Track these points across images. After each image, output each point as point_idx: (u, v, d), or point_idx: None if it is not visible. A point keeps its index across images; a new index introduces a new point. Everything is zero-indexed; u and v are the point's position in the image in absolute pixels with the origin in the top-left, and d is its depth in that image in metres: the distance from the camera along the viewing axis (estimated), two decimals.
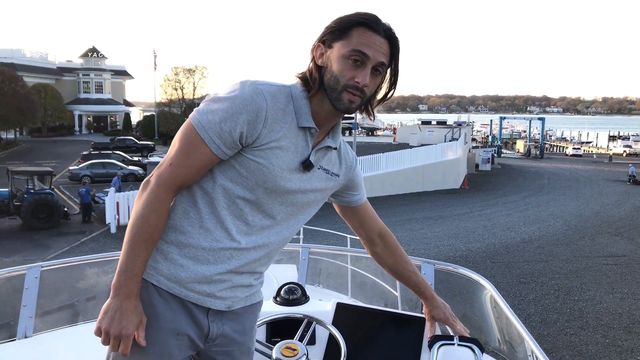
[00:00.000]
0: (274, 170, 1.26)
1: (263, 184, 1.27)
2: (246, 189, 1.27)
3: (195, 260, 1.27)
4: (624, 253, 11.33)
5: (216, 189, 1.26)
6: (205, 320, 1.33)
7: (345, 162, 1.47)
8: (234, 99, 1.20)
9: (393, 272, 1.75)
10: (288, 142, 1.27)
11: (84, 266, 2.80)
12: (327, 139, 1.37)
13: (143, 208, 1.22)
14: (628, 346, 6.16)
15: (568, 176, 30.14)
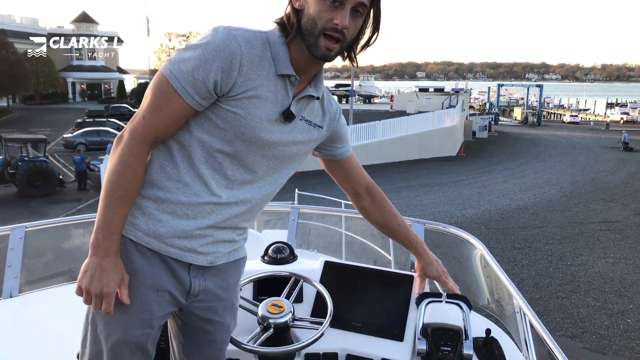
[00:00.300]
0: (252, 121, 1.21)
1: (241, 136, 1.22)
2: (224, 141, 1.22)
3: (174, 215, 1.24)
4: (617, 219, 11.43)
5: (193, 142, 1.22)
6: (186, 276, 1.30)
7: (328, 113, 1.42)
8: (206, 45, 1.14)
9: (382, 227, 1.72)
10: (266, 91, 1.21)
11: (70, 227, 2.78)
12: (308, 88, 1.31)
13: (117, 164, 1.18)
14: (618, 309, 6.26)
15: (565, 144, 30.15)
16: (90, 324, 1.27)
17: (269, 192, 1.38)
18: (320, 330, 1.59)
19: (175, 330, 1.47)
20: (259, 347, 1.57)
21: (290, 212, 2.54)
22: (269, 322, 1.62)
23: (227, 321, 1.46)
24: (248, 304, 1.76)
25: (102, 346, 1.25)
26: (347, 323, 1.81)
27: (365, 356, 1.69)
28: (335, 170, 1.59)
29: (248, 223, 1.40)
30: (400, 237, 1.73)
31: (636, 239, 9.70)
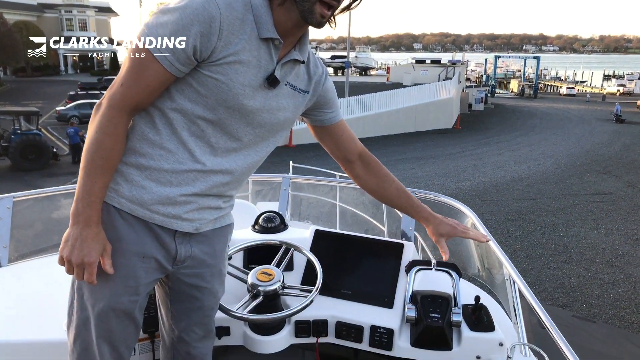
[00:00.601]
0: (234, 87, 1.17)
1: (224, 103, 1.19)
2: (206, 108, 1.19)
3: (158, 182, 1.22)
4: (610, 190, 11.51)
5: (174, 109, 1.19)
6: (172, 243, 1.30)
7: (314, 77, 1.38)
8: (184, 9, 1.09)
9: (380, 194, 1.62)
10: (249, 56, 1.17)
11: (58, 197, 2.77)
12: (293, 51, 1.27)
13: (96, 132, 1.15)
14: (609, 279, 6.36)
15: (561, 116, 30.10)
16: (76, 291, 1.27)
17: (255, 161, 1.36)
18: (310, 297, 1.60)
19: (163, 297, 1.47)
20: (248, 314, 1.58)
21: (281, 182, 2.53)
22: (259, 289, 1.63)
23: (215, 287, 1.46)
24: (238, 272, 1.77)
25: (88, 313, 1.26)
26: (337, 291, 1.82)
27: (355, 323, 1.70)
28: (324, 137, 1.54)
29: (234, 191, 1.39)
30: (401, 203, 1.62)
31: (628, 210, 9.78)
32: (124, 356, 1.33)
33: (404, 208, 1.64)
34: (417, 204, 1.62)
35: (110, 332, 1.27)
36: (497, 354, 1.60)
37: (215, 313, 1.53)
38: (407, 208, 1.63)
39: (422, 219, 1.62)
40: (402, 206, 1.63)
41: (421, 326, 1.63)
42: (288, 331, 1.73)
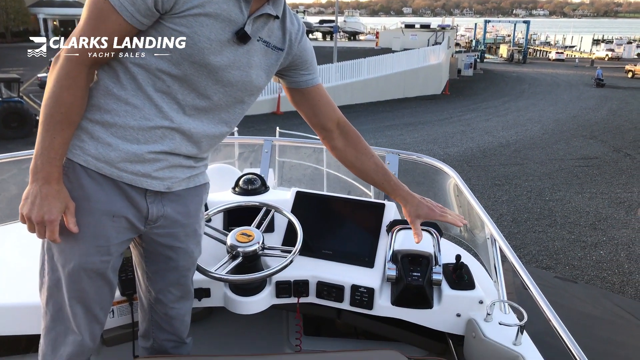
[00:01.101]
0: (199, 42, 1.12)
1: (189, 58, 1.14)
2: (170, 63, 1.14)
3: (124, 139, 1.18)
4: (596, 155, 11.63)
5: (137, 63, 1.15)
6: (143, 202, 1.27)
7: (289, 34, 1.32)
8: None
9: (358, 168, 1.56)
10: (216, 8, 1.12)
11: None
12: (266, 5, 1.21)
13: (54, 86, 1.10)
14: (592, 241, 6.49)
15: (549, 81, 30.06)
16: (46, 252, 1.25)
17: (228, 122, 1.31)
18: (289, 257, 1.60)
19: (138, 258, 1.45)
20: (227, 275, 1.57)
21: (263, 145, 2.50)
22: (238, 250, 1.62)
23: (190, 248, 1.44)
24: (217, 234, 1.75)
25: (59, 274, 1.24)
26: (318, 251, 1.83)
27: (336, 283, 1.72)
28: (300, 101, 1.47)
29: (206, 152, 1.35)
30: (379, 179, 1.57)
31: (613, 174, 9.92)
32: (99, 317, 1.33)
33: (381, 184, 1.58)
34: (395, 181, 1.57)
35: (82, 292, 1.26)
36: (476, 312, 1.63)
37: (192, 274, 1.52)
38: (384, 185, 1.57)
39: (400, 197, 1.57)
40: (380, 182, 1.57)
41: (401, 285, 1.64)
42: (269, 292, 1.74)
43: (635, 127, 15.39)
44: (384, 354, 1.33)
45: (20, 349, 1.91)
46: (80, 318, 1.28)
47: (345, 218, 1.91)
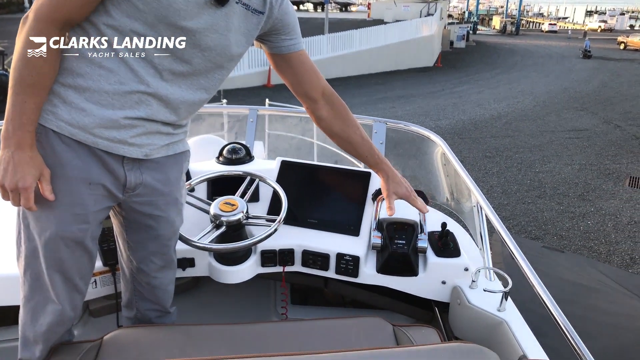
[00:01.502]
0: (175, 2, 1.08)
1: (164, 20, 1.09)
2: (146, 25, 1.10)
3: (99, 104, 1.14)
4: (586, 127, 11.67)
5: (111, 25, 1.10)
6: (120, 169, 1.24)
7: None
8: None
9: (343, 140, 1.54)
10: None
11: None
12: None
13: (23, 48, 1.06)
14: (580, 212, 6.57)
15: (542, 53, 29.91)
16: (22, 221, 1.23)
17: (208, 88, 1.28)
18: (274, 226, 1.59)
19: (118, 227, 1.44)
20: (210, 244, 1.56)
21: (248, 114, 2.47)
22: (221, 220, 1.61)
23: (171, 217, 1.42)
24: (200, 203, 1.74)
25: (36, 243, 1.22)
26: (303, 220, 1.82)
27: (321, 251, 1.72)
28: (283, 68, 1.43)
29: (185, 120, 1.32)
30: (363, 152, 1.56)
31: (602, 146, 9.98)
32: (79, 287, 1.32)
33: (365, 158, 1.57)
34: (379, 155, 1.56)
35: (61, 261, 1.24)
36: (462, 279, 1.64)
37: (174, 243, 1.50)
38: (368, 158, 1.56)
39: (382, 171, 1.57)
40: (364, 155, 1.56)
41: (387, 253, 1.65)
42: (254, 261, 1.74)
43: (626, 98, 15.42)
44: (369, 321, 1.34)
45: (8, 320, 1.91)
46: (60, 287, 1.27)
47: (330, 187, 1.91)
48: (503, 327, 1.44)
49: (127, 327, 1.46)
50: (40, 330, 1.30)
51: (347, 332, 1.35)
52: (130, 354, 1.29)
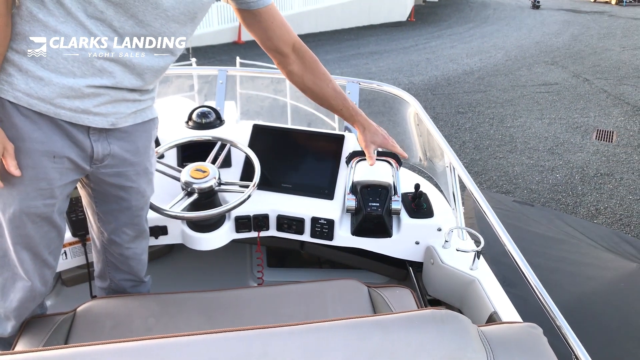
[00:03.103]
0: None
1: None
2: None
3: (57, 72, 1.07)
4: (556, 81, 11.80)
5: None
6: (86, 140, 1.19)
7: None
8: None
9: (316, 94, 1.53)
10: None
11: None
12: None
13: None
14: (549, 166, 6.74)
15: (513, 5, 29.73)
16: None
17: (174, 50, 1.22)
18: (247, 192, 1.58)
19: (87, 199, 1.40)
20: (183, 212, 1.54)
21: (217, 75, 2.42)
22: (193, 187, 1.59)
23: (142, 187, 1.40)
24: (170, 170, 1.71)
25: (0, 220, 1.18)
26: (277, 185, 1.82)
27: (296, 215, 1.74)
28: (253, 24, 1.39)
29: (152, 85, 1.27)
30: (337, 105, 1.55)
31: (571, 99, 10.15)
32: (49, 262, 1.29)
33: (339, 111, 1.56)
34: (353, 107, 1.55)
35: (27, 237, 1.21)
36: (435, 239, 1.69)
37: (146, 213, 1.49)
38: (343, 110, 1.55)
39: (358, 123, 1.57)
40: (339, 108, 1.55)
41: (361, 215, 1.68)
42: (228, 227, 1.74)
43: (595, 51, 15.59)
44: (344, 284, 1.37)
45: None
46: (28, 264, 1.24)
47: (304, 151, 1.90)
48: (475, 285, 1.49)
49: (101, 297, 1.46)
50: (11, 307, 1.28)
51: (323, 296, 1.37)
52: (105, 325, 1.30)
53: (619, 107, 9.57)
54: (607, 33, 19.49)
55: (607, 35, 19.04)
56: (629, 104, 9.79)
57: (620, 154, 7.15)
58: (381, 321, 0.83)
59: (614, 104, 9.76)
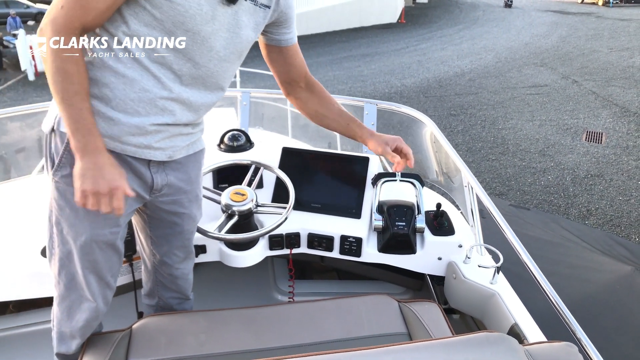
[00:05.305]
0: (190, 8, 1.10)
1: (181, 26, 1.12)
2: (164, 33, 1.12)
3: (125, 112, 1.18)
4: (546, 83, 11.98)
5: (130, 34, 1.12)
6: (147, 172, 1.30)
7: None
8: None
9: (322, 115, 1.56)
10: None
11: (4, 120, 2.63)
12: None
13: (53, 61, 1.07)
14: (541, 167, 6.86)
15: (502, 7, 30.04)
16: (54, 226, 1.27)
17: (223, 86, 1.33)
18: (284, 214, 1.67)
19: (141, 224, 1.49)
20: (227, 234, 1.64)
21: (241, 98, 2.49)
22: (233, 209, 1.67)
23: (193, 212, 1.50)
24: (211, 193, 1.80)
25: (71, 247, 1.27)
26: (307, 205, 1.91)
27: (326, 234, 1.82)
28: (276, 59, 1.47)
29: (201, 117, 1.37)
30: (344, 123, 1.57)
31: (561, 101, 10.31)
32: (110, 283, 1.39)
33: (346, 127, 1.57)
34: (359, 123, 1.57)
35: (95, 262, 1.30)
36: (456, 255, 1.78)
37: (194, 235, 1.58)
38: (350, 128, 1.56)
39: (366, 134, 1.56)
40: (345, 126, 1.57)
41: (388, 234, 1.76)
42: (263, 245, 1.83)
43: (583, 53, 15.82)
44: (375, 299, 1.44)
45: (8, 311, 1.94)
46: (94, 286, 1.33)
47: (331, 172, 1.99)
48: (495, 299, 1.58)
49: (153, 315, 1.52)
50: (77, 326, 1.37)
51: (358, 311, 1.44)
52: (160, 341, 1.36)
53: (608, 108, 9.75)
54: (595, 34, 19.77)
55: (595, 36, 19.32)
56: (617, 105, 9.97)
57: (610, 155, 7.30)
58: (444, 344, 0.91)
59: (602, 106, 9.93)
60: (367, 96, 10.65)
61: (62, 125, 1.17)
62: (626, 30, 20.93)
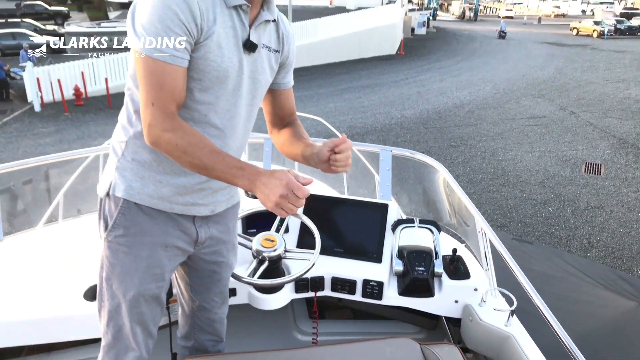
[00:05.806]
0: (223, 62, 1.19)
1: (216, 80, 1.21)
2: (201, 91, 1.21)
3: (173, 173, 1.27)
4: (544, 114, 12.16)
5: None
6: (192, 227, 1.38)
7: (285, 37, 1.40)
8: (162, 5, 1.08)
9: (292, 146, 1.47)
10: (225, 27, 1.19)
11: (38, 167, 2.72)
12: (262, 12, 1.28)
13: (178, 145, 1.13)
14: (541, 199, 6.93)
15: (499, 39, 30.65)
16: (105, 281, 1.35)
17: (249, 129, 1.42)
18: (312, 260, 1.73)
19: (181, 273, 1.57)
20: (259, 279, 1.71)
21: (264, 143, 2.58)
22: (264, 255, 1.75)
23: (231, 260, 1.59)
24: (242, 239, 1.87)
25: (119, 301, 1.35)
26: (330, 249, 1.99)
27: (349, 278, 1.90)
28: (270, 100, 1.51)
29: None
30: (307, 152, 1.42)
31: (559, 132, 10.46)
32: (153, 333, 1.46)
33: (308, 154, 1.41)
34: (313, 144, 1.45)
35: (141, 315, 1.38)
36: (472, 298, 1.85)
37: (229, 280, 1.65)
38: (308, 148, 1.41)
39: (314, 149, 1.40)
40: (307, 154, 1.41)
41: (408, 278, 1.84)
42: (289, 289, 1.91)
43: (579, 84, 16.09)
44: (398, 342, 1.50)
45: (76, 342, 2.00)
46: (139, 336, 1.40)
47: (353, 218, 2.08)
48: (510, 341, 1.65)
49: (192, 357, 1.56)
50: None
51: (383, 355, 1.49)
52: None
53: (606, 139, 9.89)
54: (590, 66, 20.14)
55: (591, 68, 19.68)
56: (614, 136, 10.12)
57: (609, 187, 7.39)
58: None
59: (600, 137, 10.08)
60: (367, 127, 10.80)
61: (117, 190, 1.27)
62: (621, 62, 21.33)
